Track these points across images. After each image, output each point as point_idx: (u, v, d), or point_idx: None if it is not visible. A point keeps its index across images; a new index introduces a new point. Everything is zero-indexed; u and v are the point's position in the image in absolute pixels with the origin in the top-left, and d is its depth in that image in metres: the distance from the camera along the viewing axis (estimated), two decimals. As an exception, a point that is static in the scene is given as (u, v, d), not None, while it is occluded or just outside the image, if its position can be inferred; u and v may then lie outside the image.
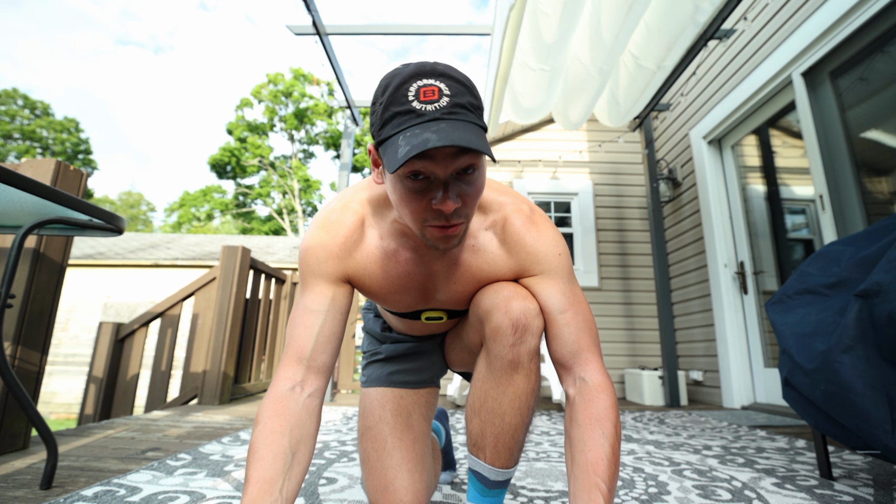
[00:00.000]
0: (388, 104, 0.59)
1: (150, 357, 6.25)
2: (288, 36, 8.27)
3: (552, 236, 0.76)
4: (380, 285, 0.78)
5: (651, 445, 1.63)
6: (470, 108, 0.59)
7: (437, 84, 0.58)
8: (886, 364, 0.87)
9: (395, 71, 0.61)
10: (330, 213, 0.77)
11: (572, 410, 0.70)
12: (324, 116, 21.64)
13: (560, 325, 0.72)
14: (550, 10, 2.17)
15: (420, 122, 0.57)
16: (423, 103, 0.57)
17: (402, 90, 0.58)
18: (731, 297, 2.97)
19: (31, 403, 1.05)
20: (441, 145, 0.53)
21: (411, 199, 0.62)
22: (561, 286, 0.74)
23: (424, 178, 0.60)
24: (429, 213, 0.62)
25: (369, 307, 1.07)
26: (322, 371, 0.72)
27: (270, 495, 0.57)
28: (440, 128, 0.56)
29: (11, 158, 19.94)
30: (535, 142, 4.20)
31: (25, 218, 1.10)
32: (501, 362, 0.72)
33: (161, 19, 60.27)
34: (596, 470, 0.63)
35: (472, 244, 0.76)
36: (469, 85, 0.60)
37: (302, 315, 0.73)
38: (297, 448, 0.64)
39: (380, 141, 0.61)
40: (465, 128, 0.57)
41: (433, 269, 0.78)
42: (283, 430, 0.64)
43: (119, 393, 2.62)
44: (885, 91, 1.94)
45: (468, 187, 0.62)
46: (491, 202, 0.77)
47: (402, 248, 0.76)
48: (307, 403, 0.68)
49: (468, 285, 0.79)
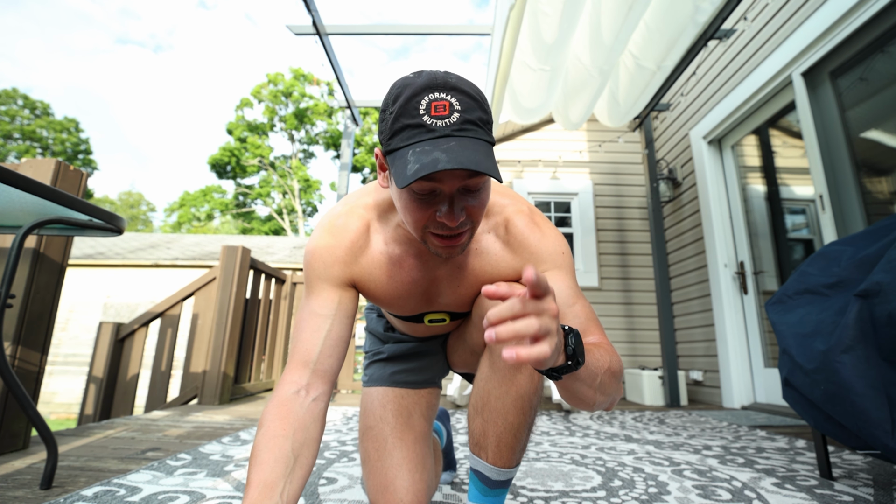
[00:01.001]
0: (399, 115, 0.59)
1: (150, 357, 6.25)
2: (288, 36, 8.22)
3: (554, 235, 0.77)
4: (384, 291, 0.78)
5: (651, 445, 1.63)
6: (480, 123, 0.60)
7: (448, 99, 0.58)
8: (886, 364, 0.87)
9: (407, 80, 0.61)
10: (335, 217, 0.77)
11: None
12: (324, 116, 21.64)
13: (570, 318, 0.73)
14: (550, 10, 2.17)
15: (430, 139, 0.57)
16: (433, 118, 0.57)
17: (414, 102, 0.58)
18: (731, 297, 2.96)
19: (31, 403, 1.05)
20: (450, 168, 0.53)
21: (415, 209, 0.62)
22: (566, 280, 0.75)
23: (431, 192, 0.60)
24: (432, 223, 0.63)
25: (372, 307, 1.07)
26: (328, 375, 0.72)
27: (271, 499, 0.57)
28: (450, 146, 0.56)
29: (11, 158, 19.95)
30: (535, 142, 4.20)
31: (25, 218, 1.10)
32: (505, 362, 0.72)
33: (160, 18, 60.25)
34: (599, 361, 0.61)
35: (475, 247, 0.77)
36: (480, 99, 0.61)
37: (308, 319, 0.73)
38: (300, 452, 0.64)
39: (389, 150, 0.61)
40: (474, 147, 0.57)
41: (437, 273, 0.78)
42: (286, 433, 0.64)
43: (119, 393, 2.62)
44: (885, 91, 1.94)
45: (474, 201, 0.63)
46: (492, 205, 0.78)
47: (407, 253, 0.77)
48: (312, 408, 0.68)
49: (472, 288, 0.79)
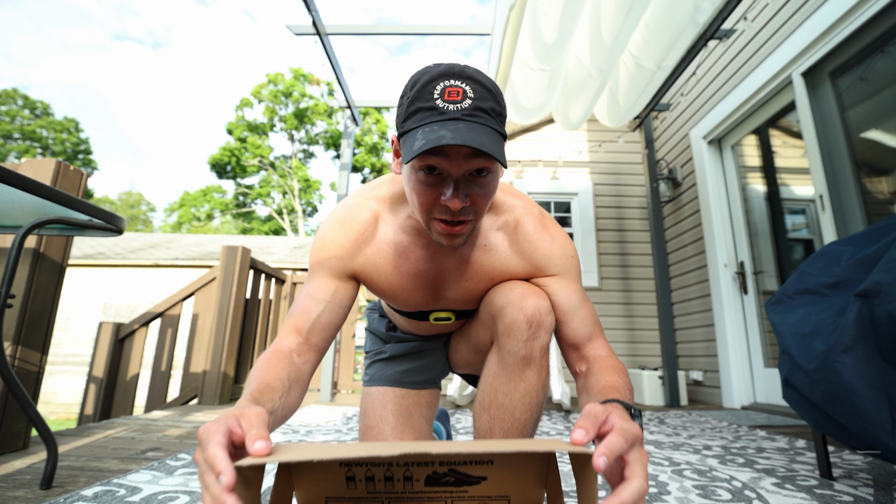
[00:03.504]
0: (414, 99, 0.61)
1: (150, 357, 6.24)
2: (288, 35, 8.19)
3: (563, 239, 0.79)
4: (389, 282, 0.79)
5: (651, 445, 1.63)
6: (491, 113, 0.61)
7: (462, 86, 0.59)
8: (886, 364, 0.87)
9: (426, 69, 0.63)
10: (346, 208, 0.79)
11: (585, 375, 0.71)
12: (324, 116, 21.63)
13: (578, 319, 0.75)
14: (550, 10, 2.16)
15: (440, 120, 0.59)
16: (446, 102, 0.59)
17: (429, 87, 0.60)
18: (731, 297, 2.96)
19: (31, 403, 1.05)
20: (453, 143, 0.55)
21: (422, 190, 0.63)
22: (575, 285, 0.78)
23: (438, 174, 0.61)
24: (436, 206, 0.64)
25: (374, 307, 1.07)
26: (317, 349, 0.74)
27: (271, 397, 0.57)
28: (457, 127, 0.57)
29: (11, 158, 19.94)
30: (535, 142, 4.20)
31: (25, 218, 1.10)
32: (514, 357, 0.74)
33: (158, 14, 60.00)
34: (613, 385, 0.62)
35: (483, 243, 0.78)
36: (494, 91, 0.62)
37: (304, 300, 0.75)
38: (292, 387, 0.65)
39: (402, 133, 0.63)
40: (481, 131, 0.58)
41: (444, 266, 0.79)
42: (283, 366, 0.65)
43: (119, 393, 2.62)
44: (885, 91, 1.94)
45: (479, 189, 0.63)
46: (502, 203, 0.79)
47: (415, 244, 0.77)
48: (302, 366, 0.70)
49: (480, 283, 0.80)
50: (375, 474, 0.56)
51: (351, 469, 0.56)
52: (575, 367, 0.77)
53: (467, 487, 0.57)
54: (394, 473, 0.56)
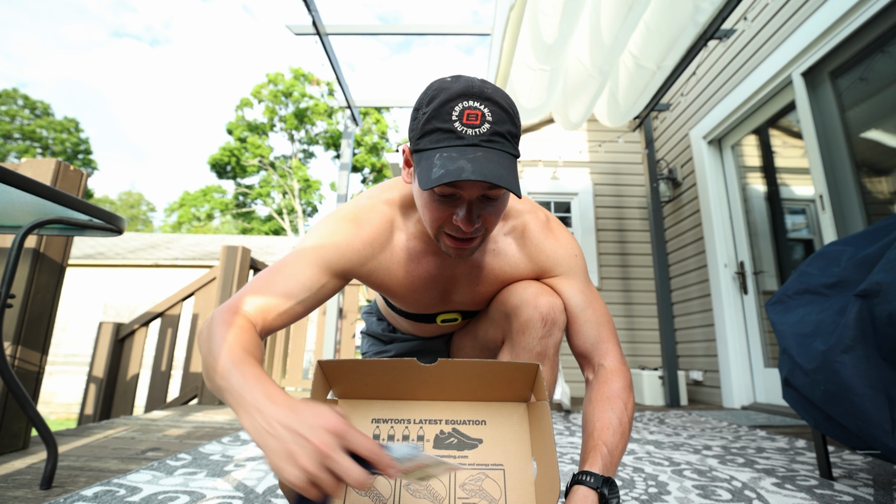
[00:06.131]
0: (431, 117, 0.60)
1: (150, 357, 6.25)
2: (288, 35, 8.18)
3: (568, 240, 0.81)
4: (400, 285, 0.79)
5: (651, 445, 1.63)
6: (508, 136, 0.61)
7: (481, 108, 0.59)
8: (886, 364, 0.87)
9: (445, 83, 0.62)
10: (360, 208, 0.77)
11: (589, 391, 0.74)
12: (324, 116, 21.63)
13: (582, 321, 0.77)
14: (550, 10, 2.17)
15: (458, 146, 0.59)
16: (465, 126, 0.59)
17: (447, 107, 0.59)
18: (731, 297, 2.96)
19: (31, 403, 1.05)
20: (473, 179, 0.55)
21: (434, 208, 0.64)
22: (580, 285, 0.79)
23: (451, 195, 0.62)
24: (448, 224, 0.65)
25: (370, 310, 1.08)
26: (268, 332, 0.67)
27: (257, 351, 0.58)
28: (476, 157, 0.57)
29: (11, 158, 19.95)
30: (536, 142, 4.20)
31: (25, 218, 1.10)
32: (529, 354, 0.76)
33: (157, 10, 59.72)
34: (601, 436, 0.66)
35: (493, 248, 0.80)
36: (512, 112, 0.62)
37: (288, 280, 0.68)
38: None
39: (417, 149, 0.63)
40: (499, 159, 0.59)
41: (456, 272, 0.80)
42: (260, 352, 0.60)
43: (119, 393, 2.62)
44: (885, 91, 1.94)
45: (491, 209, 0.65)
46: (510, 209, 0.81)
47: (427, 251, 0.78)
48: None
49: (490, 286, 0.82)
50: (396, 431, 0.67)
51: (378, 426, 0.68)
52: (583, 371, 0.80)
53: (468, 452, 0.66)
54: (410, 432, 0.65)
